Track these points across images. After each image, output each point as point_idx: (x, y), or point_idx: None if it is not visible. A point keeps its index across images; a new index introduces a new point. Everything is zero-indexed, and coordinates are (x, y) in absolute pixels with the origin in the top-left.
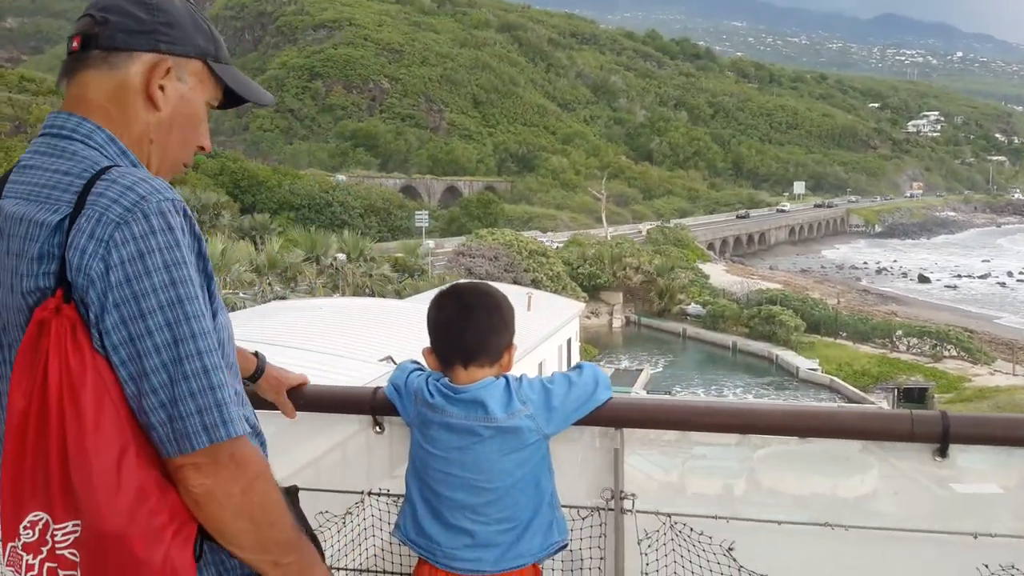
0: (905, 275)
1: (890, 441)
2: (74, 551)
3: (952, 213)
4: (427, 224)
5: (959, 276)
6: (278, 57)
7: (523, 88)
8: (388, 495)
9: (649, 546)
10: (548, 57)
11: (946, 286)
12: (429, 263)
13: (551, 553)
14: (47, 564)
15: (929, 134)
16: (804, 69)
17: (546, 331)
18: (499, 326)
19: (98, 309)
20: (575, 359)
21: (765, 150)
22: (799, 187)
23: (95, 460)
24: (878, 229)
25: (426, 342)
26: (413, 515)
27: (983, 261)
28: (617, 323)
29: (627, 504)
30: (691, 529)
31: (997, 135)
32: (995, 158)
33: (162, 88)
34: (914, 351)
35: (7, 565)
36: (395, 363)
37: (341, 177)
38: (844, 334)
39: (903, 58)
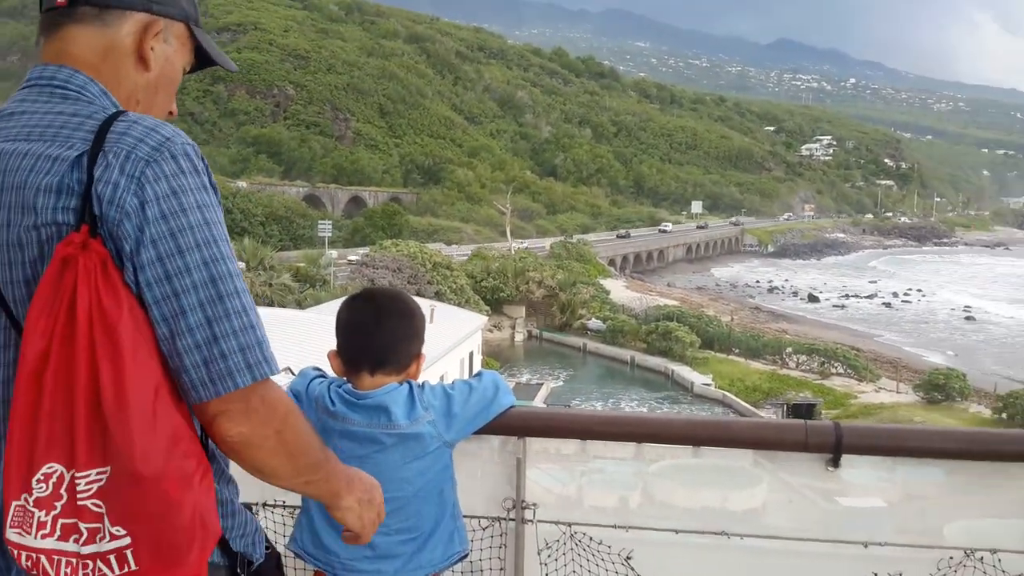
0: (795, 294)
1: (785, 451)
2: (98, 501)
3: (842, 235)
4: (330, 234)
5: (847, 296)
6: None
7: (430, 100)
8: (284, 507)
9: (549, 555)
10: (456, 70)
11: (834, 305)
12: (331, 273)
13: (452, 563)
14: (61, 521)
15: (821, 158)
16: (704, 91)
17: (448, 344)
18: (410, 334)
19: (133, 243)
20: None
21: (665, 169)
22: (697, 206)
23: (133, 398)
24: (771, 249)
25: (328, 354)
26: (310, 526)
27: (870, 282)
28: (519, 337)
29: (528, 514)
30: (590, 538)
31: (886, 160)
32: (884, 182)
33: (151, 49)
34: (803, 368)
35: (12, 527)
36: (295, 375)
37: (242, 183)
38: (737, 350)
39: (798, 83)
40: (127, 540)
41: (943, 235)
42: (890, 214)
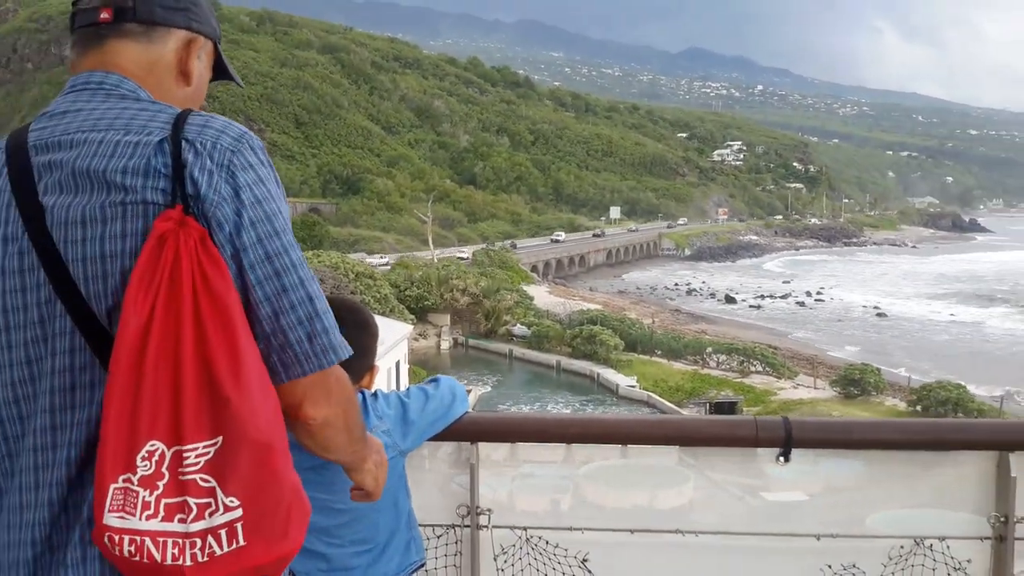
0: (713, 295)
1: (736, 447)
2: (206, 476)
3: (755, 237)
4: None
5: (763, 296)
6: None
7: (347, 110)
8: None
9: (506, 561)
10: (371, 80)
11: (751, 306)
12: None
13: (408, 574)
14: (165, 500)
15: (733, 163)
16: (617, 99)
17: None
18: (367, 347)
19: (233, 226)
20: (404, 382)
21: (583, 176)
22: (615, 212)
23: (247, 364)
24: (688, 252)
25: None
26: None
27: (784, 282)
28: (445, 345)
29: (483, 520)
30: (546, 542)
31: (795, 164)
32: (793, 185)
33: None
34: (723, 367)
35: (112, 511)
36: None
37: None
38: (659, 352)
39: (708, 90)
40: (239, 512)
41: (852, 235)
42: (800, 216)
